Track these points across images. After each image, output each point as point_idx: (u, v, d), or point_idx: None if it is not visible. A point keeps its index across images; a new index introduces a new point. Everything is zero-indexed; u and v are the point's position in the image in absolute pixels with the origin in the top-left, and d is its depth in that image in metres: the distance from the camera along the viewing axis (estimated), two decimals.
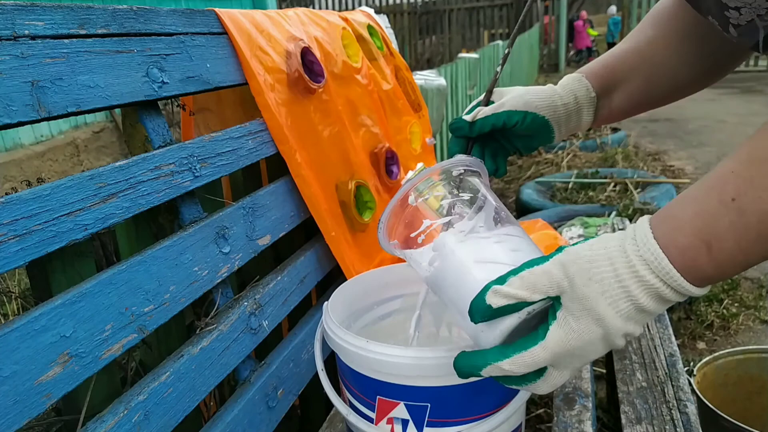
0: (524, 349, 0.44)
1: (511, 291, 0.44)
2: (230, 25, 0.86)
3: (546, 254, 0.46)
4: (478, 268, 0.49)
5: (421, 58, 9.62)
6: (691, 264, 0.41)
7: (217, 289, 0.74)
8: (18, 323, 0.48)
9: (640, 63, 0.66)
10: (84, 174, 0.57)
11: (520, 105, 0.65)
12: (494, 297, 0.44)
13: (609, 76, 0.67)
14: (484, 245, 0.51)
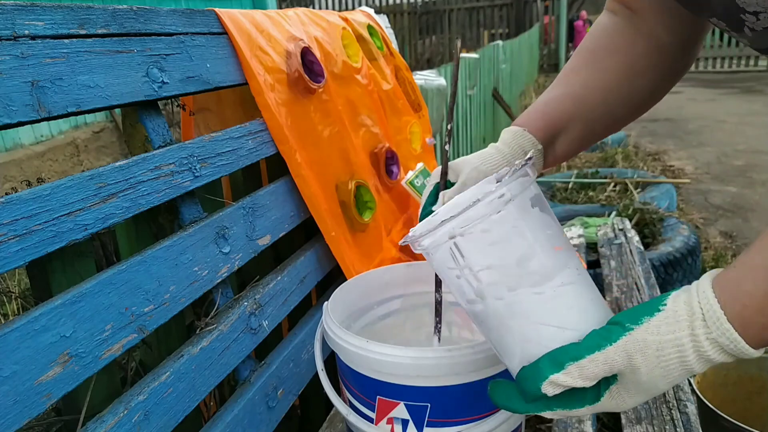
0: (569, 408, 0.44)
1: (569, 381, 0.41)
2: (230, 25, 0.86)
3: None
4: (530, 331, 0.44)
5: (421, 58, 9.63)
6: (765, 338, 0.40)
7: (217, 289, 0.74)
8: (18, 323, 0.48)
9: (577, 109, 0.66)
10: (84, 174, 0.57)
11: (481, 177, 0.64)
12: (550, 387, 0.42)
13: (550, 128, 0.67)
14: (535, 301, 0.44)
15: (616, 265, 1.34)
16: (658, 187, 3.01)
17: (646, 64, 0.63)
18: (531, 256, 0.44)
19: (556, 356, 0.42)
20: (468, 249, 0.44)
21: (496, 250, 0.44)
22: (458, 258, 0.44)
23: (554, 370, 0.42)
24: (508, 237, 0.44)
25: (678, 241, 2.16)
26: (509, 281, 0.44)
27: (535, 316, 0.44)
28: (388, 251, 1.17)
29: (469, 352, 0.55)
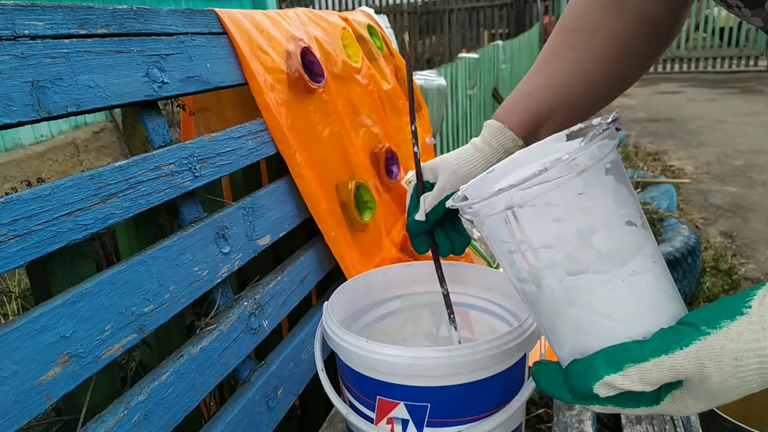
0: (623, 407, 0.39)
1: (626, 384, 0.37)
2: (230, 25, 0.86)
3: None
4: (587, 322, 0.39)
5: (421, 58, 9.63)
6: None
7: (217, 289, 0.74)
8: (18, 323, 0.48)
9: (560, 98, 0.63)
10: (84, 174, 0.57)
11: (459, 182, 0.64)
12: (604, 388, 0.37)
13: (532, 122, 0.65)
14: (599, 290, 0.38)
15: None
16: (658, 187, 3.01)
17: (633, 42, 0.60)
18: (601, 237, 0.38)
19: (615, 355, 0.37)
20: (527, 222, 0.38)
21: (560, 226, 0.38)
22: (515, 232, 0.38)
23: (611, 370, 0.37)
24: (576, 213, 0.37)
25: (678, 240, 2.16)
26: (571, 264, 0.38)
27: (597, 306, 0.38)
28: (388, 251, 1.17)
29: (469, 352, 0.55)
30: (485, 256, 1.23)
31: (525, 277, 0.40)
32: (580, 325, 0.39)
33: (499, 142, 0.65)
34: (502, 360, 0.58)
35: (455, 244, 0.69)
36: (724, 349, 0.35)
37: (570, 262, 0.38)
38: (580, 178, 0.36)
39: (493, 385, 0.58)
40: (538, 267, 0.39)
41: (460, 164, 0.65)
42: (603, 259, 0.38)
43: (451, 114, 2.64)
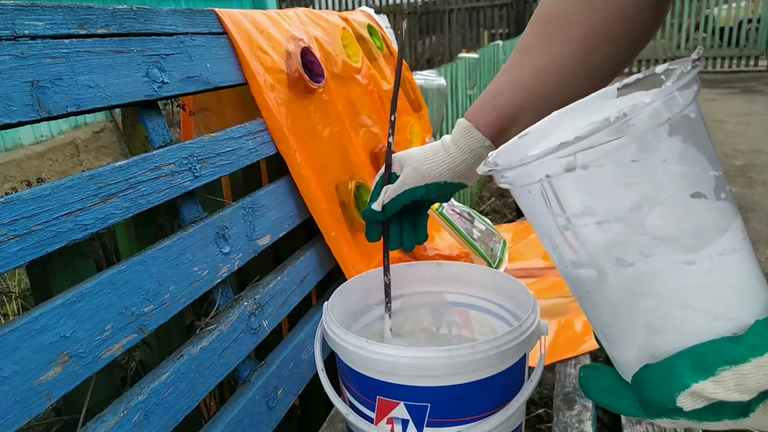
0: (700, 421, 0.32)
1: (720, 393, 0.29)
2: (230, 25, 0.86)
3: None
4: (666, 315, 0.31)
5: (421, 58, 9.63)
6: None
7: (217, 289, 0.74)
8: (18, 323, 0.48)
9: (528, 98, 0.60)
10: (84, 174, 0.57)
11: (419, 179, 0.64)
12: (690, 400, 0.30)
13: (501, 122, 0.62)
14: (683, 274, 0.30)
15: None
16: None
17: (605, 35, 0.55)
18: (662, 213, 0.30)
19: (704, 356, 0.29)
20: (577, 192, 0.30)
21: (617, 196, 0.30)
22: (566, 203, 0.31)
23: (699, 376, 0.29)
24: (632, 182, 0.30)
25: None
26: (644, 242, 0.30)
27: (680, 294, 0.30)
28: None
29: (469, 352, 0.55)
30: (485, 256, 1.23)
31: (582, 260, 0.32)
32: (654, 319, 0.31)
33: (466, 143, 0.63)
34: (502, 360, 0.58)
35: (405, 240, 0.70)
36: None
37: (642, 239, 0.30)
38: (634, 144, 0.29)
39: (493, 385, 0.58)
40: (602, 246, 0.31)
41: (423, 161, 0.64)
42: (686, 237, 0.30)
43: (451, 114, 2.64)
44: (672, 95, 0.29)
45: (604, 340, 0.35)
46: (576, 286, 0.34)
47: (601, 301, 0.33)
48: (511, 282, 0.72)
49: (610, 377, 0.35)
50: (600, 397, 0.35)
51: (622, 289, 0.32)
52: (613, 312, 0.33)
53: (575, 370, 0.93)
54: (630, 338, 0.33)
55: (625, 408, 0.33)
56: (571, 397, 0.85)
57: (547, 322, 0.64)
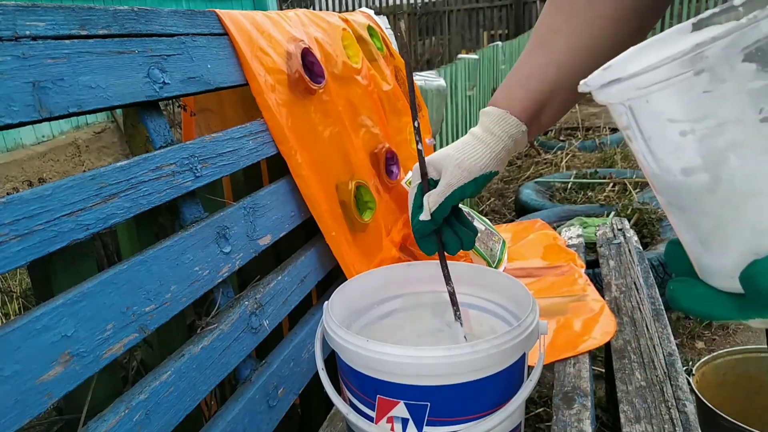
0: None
1: None
2: (231, 26, 0.86)
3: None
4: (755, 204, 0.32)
5: (421, 59, 9.64)
6: None
7: (217, 289, 0.74)
8: (19, 323, 0.49)
9: (562, 77, 0.61)
10: (85, 174, 0.58)
11: (465, 176, 0.62)
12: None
13: (535, 105, 0.62)
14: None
15: (615, 264, 1.35)
16: None
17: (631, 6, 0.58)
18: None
19: None
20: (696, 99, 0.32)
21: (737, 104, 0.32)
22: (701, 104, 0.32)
23: None
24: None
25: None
26: (755, 139, 0.32)
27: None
28: (388, 251, 1.17)
29: (469, 351, 0.56)
30: (485, 256, 1.23)
31: (696, 164, 0.33)
32: (760, 219, 0.33)
33: (503, 130, 0.62)
34: (501, 359, 0.58)
35: (463, 239, 0.67)
36: None
37: (754, 140, 0.32)
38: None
39: (492, 385, 0.59)
40: (722, 147, 0.32)
41: (464, 157, 0.63)
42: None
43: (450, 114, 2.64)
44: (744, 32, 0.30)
45: (702, 247, 0.36)
46: (681, 195, 0.35)
47: (708, 207, 0.34)
48: (511, 282, 0.72)
49: (702, 287, 0.36)
50: (695, 306, 0.36)
51: (733, 191, 0.33)
52: (719, 216, 0.34)
53: (574, 369, 0.93)
54: (732, 243, 0.34)
55: (721, 311, 0.35)
56: (570, 397, 0.86)
57: (546, 321, 0.64)
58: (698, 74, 0.31)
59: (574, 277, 1.26)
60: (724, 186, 0.33)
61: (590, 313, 1.10)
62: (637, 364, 0.94)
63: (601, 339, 1.02)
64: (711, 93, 0.32)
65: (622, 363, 0.95)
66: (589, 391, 0.87)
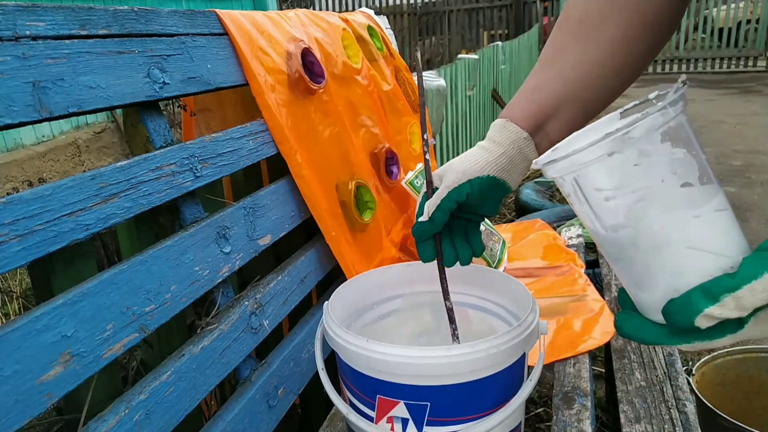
0: (711, 339, 0.42)
1: (725, 313, 0.39)
2: (231, 25, 0.86)
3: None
4: (684, 258, 0.41)
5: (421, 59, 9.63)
6: None
7: (217, 289, 0.74)
8: (19, 323, 0.49)
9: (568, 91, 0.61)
10: (85, 174, 0.58)
11: (460, 177, 0.62)
12: (705, 320, 0.40)
13: (539, 115, 0.62)
14: (692, 223, 0.41)
15: None
16: None
17: (641, 28, 0.58)
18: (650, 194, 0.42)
19: (710, 288, 0.40)
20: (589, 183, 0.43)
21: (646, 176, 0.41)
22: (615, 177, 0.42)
23: (709, 302, 0.40)
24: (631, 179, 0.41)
25: None
26: (665, 200, 0.41)
27: (693, 240, 0.41)
28: (388, 251, 1.17)
29: (469, 351, 0.56)
30: (485, 256, 1.23)
31: (621, 222, 0.42)
32: (676, 262, 0.42)
33: (504, 136, 0.63)
34: (501, 359, 0.58)
35: (460, 253, 0.67)
36: None
37: (663, 198, 0.41)
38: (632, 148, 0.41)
39: (492, 385, 0.59)
40: (638, 208, 0.42)
41: (463, 161, 0.64)
42: (691, 196, 0.42)
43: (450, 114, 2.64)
44: (665, 109, 0.41)
45: (636, 288, 0.45)
46: (615, 247, 0.44)
47: (635, 257, 0.43)
48: (511, 282, 0.72)
49: (638, 318, 0.45)
50: (632, 332, 0.45)
51: (651, 241, 0.42)
52: (644, 262, 0.43)
53: (574, 369, 0.93)
54: (656, 282, 0.43)
55: (652, 338, 0.44)
56: (570, 397, 0.86)
57: (546, 321, 0.64)
58: (623, 152, 0.41)
59: (574, 277, 1.26)
60: (643, 238, 0.42)
61: (590, 313, 1.10)
62: (637, 364, 0.95)
63: (601, 339, 1.02)
64: (639, 166, 0.41)
65: (622, 363, 0.95)
66: (589, 391, 0.87)
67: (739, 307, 0.39)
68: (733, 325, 0.41)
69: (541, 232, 1.55)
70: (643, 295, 0.44)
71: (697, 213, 0.41)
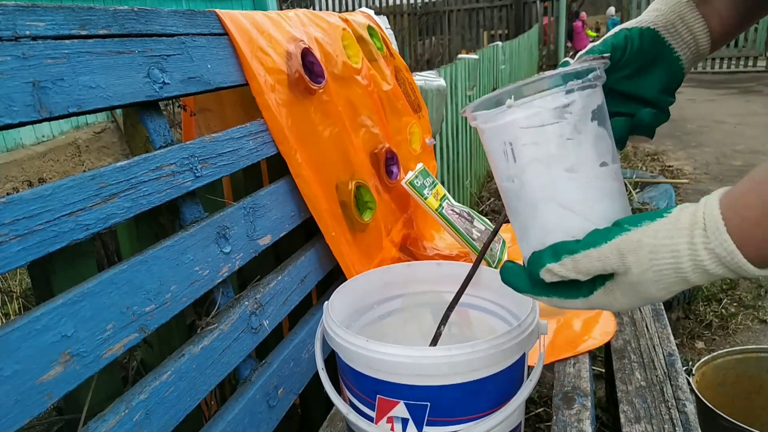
0: (566, 298, 0.46)
1: (563, 272, 0.43)
2: (231, 25, 0.86)
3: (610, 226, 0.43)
4: (550, 212, 0.45)
5: (421, 59, 9.63)
6: (766, 253, 0.38)
7: (217, 289, 0.74)
8: (19, 323, 0.49)
9: None
10: (85, 174, 0.58)
11: (614, 32, 0.56)
12: (548, 274, 0.44)
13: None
14: (569, 184, 0.45)
15: None
16: (656, 187, 3.02)
17: None
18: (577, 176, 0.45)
19: (558, 248, 0.44)
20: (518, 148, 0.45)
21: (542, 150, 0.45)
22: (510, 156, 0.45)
23: (552, 260, 0.44)
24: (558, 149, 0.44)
25: None
26: (552, 164, 0.45)
27: (565, 200, 0.45)
28: (388, 251, 1.17)
29: (469, 352, 0.56)
30: (485, 256, 1.23)
31: (512, 173, 0.46)
32: (548, 219, 0.45)
33: (663, 3, 0.57)
34: (501, 359, 0.58)
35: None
36: (641, 243, 0.41)
37: (551, 163, 0.45)
38: (568, 121, 0.44)
39: (492, 385, 0.59)
40: (525, 162, 0.45)
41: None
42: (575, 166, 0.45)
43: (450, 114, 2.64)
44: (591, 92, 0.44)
45: (519, 240, 0.49)
46: (507, 199, 0.48)
47: (519, 208, 0.47)
48: None
49: (517, 267, 0.48)
50: (508, 279, 0.48)
51: (533, 194, 0.46)
52: (524, 215, 0.47)
53: (574, 369, 0.93)
54: (530, 235, 0.47)
55: (523, 287, 0.47)
56: (570, 397, 0.86)
57: (546, 321, 0.64)
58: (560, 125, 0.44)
59: None
60: (526, 191, 0.46)
61: (590, 313, 1.10)
62: (637, 364, 0.95)
63: (601, 339, 1.02)
64: (572, 140, 0.44)
65: (622, 363, 0.95)
66: (589, 391, 0.87)
67: (576, 269, 0.43)
68: (585, 290, 0.45)
69: None
70: (523, 245, 0.48)
71: (575, 176, 0.45)
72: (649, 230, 0.41)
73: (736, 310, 2.20)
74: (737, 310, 2.20)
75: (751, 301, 2.26)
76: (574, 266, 0.43)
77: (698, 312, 2.19)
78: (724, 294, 2.30)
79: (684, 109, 6.19)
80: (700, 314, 2.17)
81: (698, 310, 2.20)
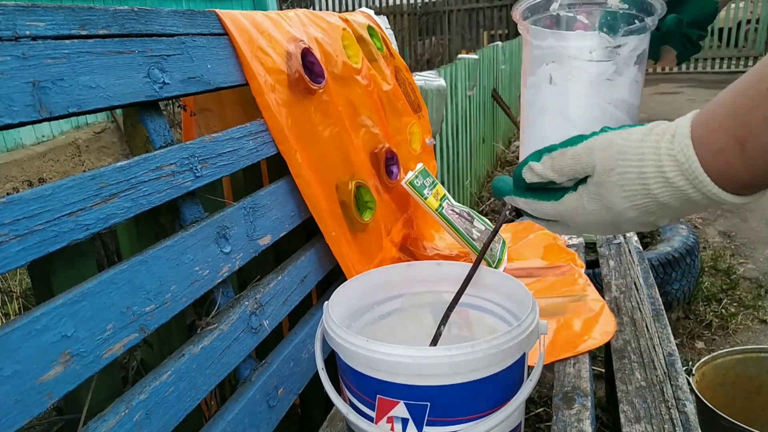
0: (539, 200, 0.48)
1: (542, 170, 0.45)
2: (231, 25, 0.86)
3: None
4: (554, 120, 0.48)
5: (421, 59, 9.63)
6: (725, 168, 0.37)
7: (217, 289, 0.74)
8: (19, 323, 0.49)
9: None
10: (85, 174, 0.58)
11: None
12: (528, 173, 0.47)
13: None
14: (574, 95, 0.48)
15: (615, 264, 1.35)
16: None
17: None
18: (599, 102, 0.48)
19: (542, 150, 0.46)
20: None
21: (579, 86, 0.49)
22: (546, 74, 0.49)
23: (535, 158, 0.47)
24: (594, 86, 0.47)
25: (677, 240, 2.16)
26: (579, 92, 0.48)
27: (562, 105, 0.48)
28: (388, 251, 1.17)
29: (469, 351, 0.56)
30: (485, 256, 1.23)
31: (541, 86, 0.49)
32: (550, 129, 0.49)
33: None
34: (501, 359, 0.58)
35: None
36: (612, 142, 0.42)
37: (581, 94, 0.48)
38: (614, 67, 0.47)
39: (492, 384, 0.59)
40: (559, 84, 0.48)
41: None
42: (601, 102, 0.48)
43: (450, 114, 2.64)
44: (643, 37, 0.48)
45: (523, 145, 0.52)
46: (525, 102, 0.51)
47: (530, 114, 0.50)
48: (511, 282, 0.72)
49: (507, 177, 0.51)
50: (496, 185, 0.51)
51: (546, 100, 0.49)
52: (532, 120, 0.50)
53: (574, 369, 0.93)
54: (532, 141, 0.50)
55: (506, 189, 0.50)
56: (570, 397, 0.86)
57: (546, 321, 0.64)
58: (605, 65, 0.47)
59: (574, 277, 1.26)
60: (542, 98, 0.49)
61: (590, 313, 1.10)
62: (637, 364, 0.95)
63: (601, 339, 1.02)
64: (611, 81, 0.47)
65: (622, 363, 0.95)
66: (589, 391, 0.87)
67: (552, 167, 0.45)
68: (559, 193, 0.46)
69: (541, 232, 1.55)
70: (524, 150, 0.52)
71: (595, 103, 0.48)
72: (624, 133, 0.42)
73: (736, 310, 2.20)
74: (737, 310, 2.20)
75: (751, 301, 2.26)
76: (552, 164, 0.45)
77: (698, 312, 2.19)
78: (724, 294, 2.30)
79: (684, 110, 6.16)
80: (700, 314, 2.17)
81: (698, 310, 2.20)
